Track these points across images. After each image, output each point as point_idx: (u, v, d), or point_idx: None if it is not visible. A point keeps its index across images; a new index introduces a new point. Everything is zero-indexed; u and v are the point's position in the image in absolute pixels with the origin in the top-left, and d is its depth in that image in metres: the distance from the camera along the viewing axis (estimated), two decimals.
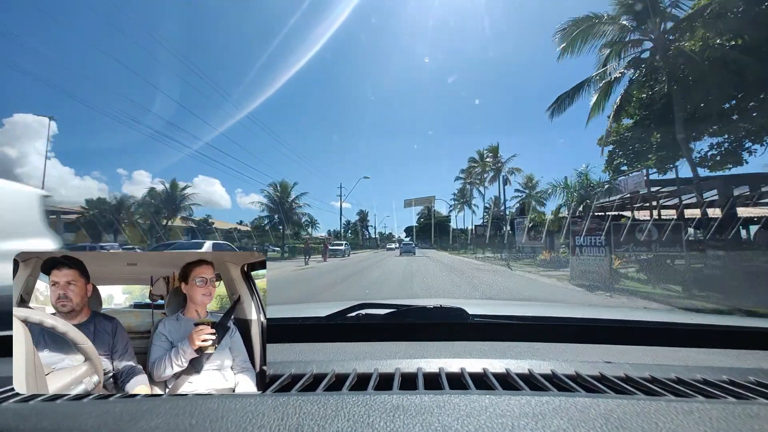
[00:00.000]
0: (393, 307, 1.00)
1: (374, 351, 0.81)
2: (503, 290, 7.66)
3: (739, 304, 5.40)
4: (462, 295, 6.90)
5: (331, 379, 0.61)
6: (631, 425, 0.40)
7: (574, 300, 6.28)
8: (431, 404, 0.46)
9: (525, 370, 0.63)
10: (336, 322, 1.00)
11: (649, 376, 0.60)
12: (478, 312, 0.99)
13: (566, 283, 8.60)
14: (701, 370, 0.63)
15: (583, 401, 0.45)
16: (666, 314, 1.28)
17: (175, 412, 0.45)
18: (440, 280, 9.69)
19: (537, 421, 0.41)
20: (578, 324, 1.01)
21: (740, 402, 0.48)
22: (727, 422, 0.41)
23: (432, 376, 0.62)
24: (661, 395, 0.53)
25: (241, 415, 0.43)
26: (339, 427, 0.41)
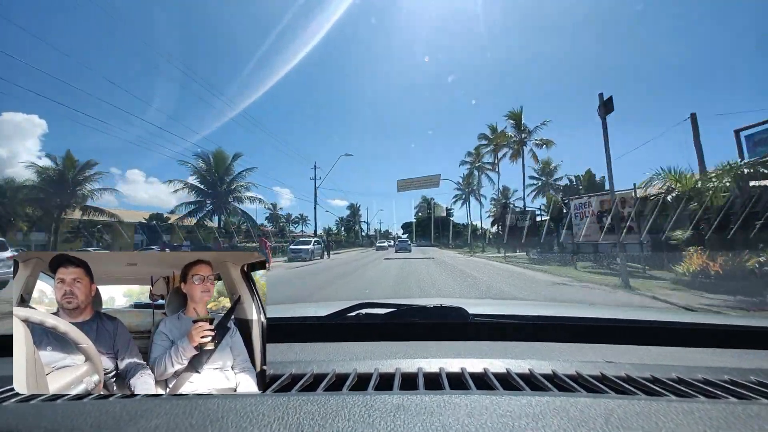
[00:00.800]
0: (393, 307, 1.00)
1: (374, 351, 0.81)
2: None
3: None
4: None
5: (331, 379, 0.61)
6: (632, 425, 0.40)
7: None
8: (432, 404, 0.45)
9: (525, 370, 0.63)
10: (336, 321, 1.00)
11: (650, 376, 0.60)
12: (478, 312, 0.99)
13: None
14: (702, 370, 0.63)
15: (584, 401, 0.45)
16: (667, 314, 1.28)
17: (175, 411, 0.45)
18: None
19: (538, 421, 0.41)
20: (579, 324, 1.01)
21: (741, 402, 0.48)
22: (728, 422, 0.41)
23: (432, 376, 0.62)
24: (662, 395, 0.53)
25: (241, 415, 0.43)
26: (339, 427, 0.41)
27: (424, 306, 0.98)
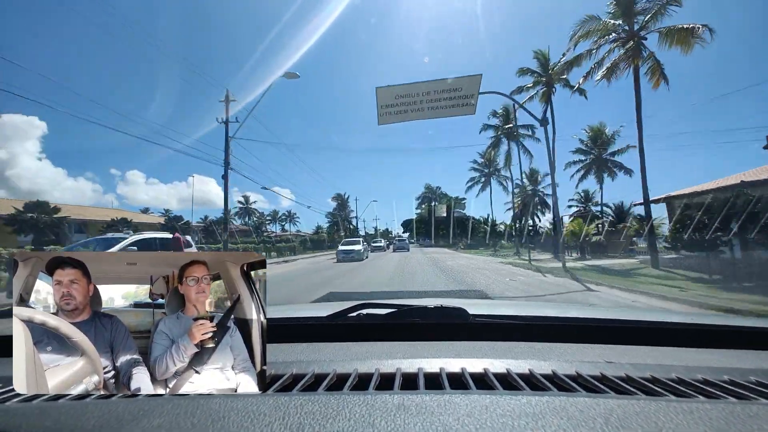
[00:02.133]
0: (394, 307, 1.00)
1: (375, 351, 0.81)
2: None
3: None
4: None
5: (332, 379, 0.61)
6: (632, 425, 0.40)
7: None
8: (432, 404, 0.46)
9: (525, 370, 0.63)
10: (337, 322, 1.00)
11: (649, 376, 0.60)
12: (478, 312, 0.99)
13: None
14: (702, 370, 0.64)
15: (583, 401, 0.45)
16: (666, 314, 1.29)
17: (176, 411, 0.45)
18: None
19: (538, 421, 0.41)
20: (579, 324, 1.01)
21: (741, 402, 0.48)
22: (728, 422, 0.41)
23: (433, 376, 0.62)
24: (662, 395, 0.53)
25: (242, 415, 0.43)
26: (340, 426, 0.41)
27: (424, 306, 0.98)
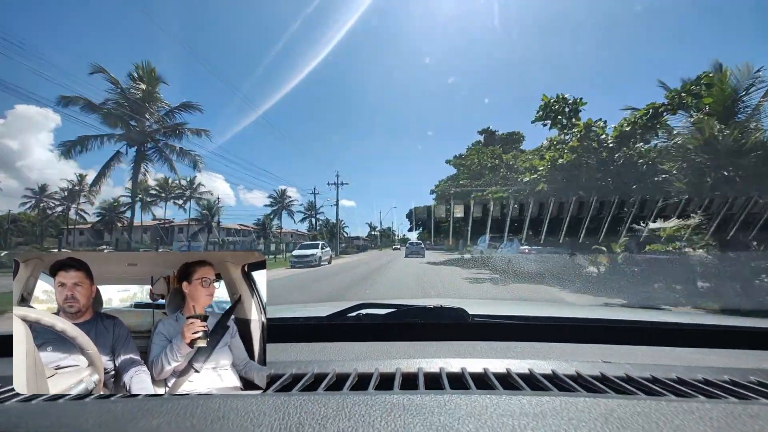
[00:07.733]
0: (393, 307, 1.00)
1: (375, 351, 0.81)
2: None
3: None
4: None
5: (332, 378, 0.61)
6: (632, 425, 0.40)
7: None
8: (432, 404, 0.46)
9: (525, 370, 0.63)
10: (336, 322, 1.00)
11: (650, 376, 0.60)
12: (478, 312, 0.99)
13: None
14: (702, 370, 0.63)
15: (583, 401, 0.45)
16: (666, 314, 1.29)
17: (176, 411, 0.45)
18: None
19: (538, 421, 0.41)
20: (579, 324, 1.01)
21: (741, 402, 0.48)
22: (728, 422, 0.41)
23: (433, 375, 0.62)
24: (662, 395, 0.53)
25: (242, 415, 0.43)
26: (340, 426, 0.41)
27: (424, 306, 0.98)
